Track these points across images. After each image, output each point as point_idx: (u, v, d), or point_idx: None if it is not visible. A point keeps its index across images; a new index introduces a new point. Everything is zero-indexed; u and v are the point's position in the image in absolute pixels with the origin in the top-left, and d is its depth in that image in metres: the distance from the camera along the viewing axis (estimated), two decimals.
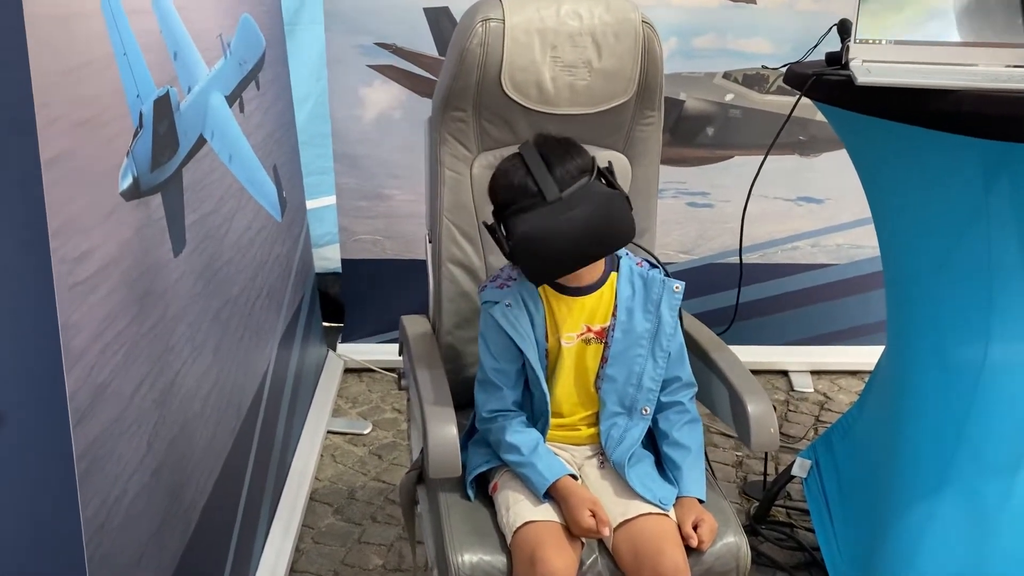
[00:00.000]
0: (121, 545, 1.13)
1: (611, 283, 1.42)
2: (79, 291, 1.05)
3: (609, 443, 1.39)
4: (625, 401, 1.40)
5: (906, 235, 1.67)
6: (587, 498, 1.31)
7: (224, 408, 1.65)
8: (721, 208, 2.74)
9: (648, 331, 1.40)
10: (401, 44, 2.54)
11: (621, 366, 1.39)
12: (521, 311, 1.38)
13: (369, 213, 2.71)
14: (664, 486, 1.35)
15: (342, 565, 1.97)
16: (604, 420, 1.40)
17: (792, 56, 1.78)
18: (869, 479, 1.80)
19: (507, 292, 1.40)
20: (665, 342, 1.40)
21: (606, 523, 1.28)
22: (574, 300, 1.40)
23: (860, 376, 2.84)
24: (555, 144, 1.34)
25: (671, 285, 1.41)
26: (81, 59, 1.10)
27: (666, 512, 1.32)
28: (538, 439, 1.38)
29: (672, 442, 1.40)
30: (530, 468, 1.34)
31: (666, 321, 1.40)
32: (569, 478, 1.34)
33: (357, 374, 2.80)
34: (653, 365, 1.39)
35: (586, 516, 1.28)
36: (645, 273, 1.42)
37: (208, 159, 1.63)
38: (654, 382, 1.40)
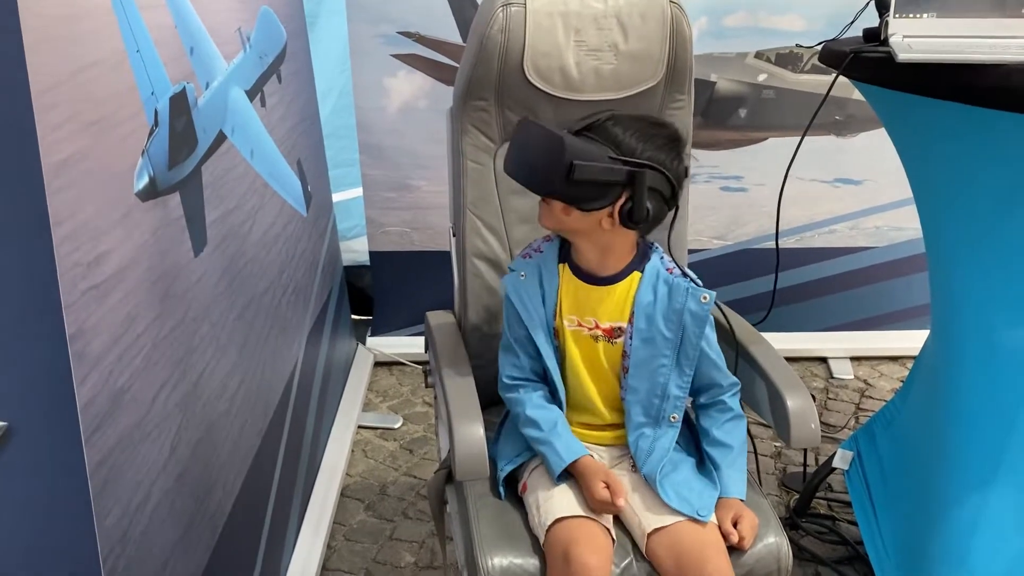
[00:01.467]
0: (145, 553, 1.12)
1: (631, 282, 1.34)
2: (94, 295, 1.02)
3: (639, 455, 1.34)
4: (651, 411, 1.34)
5: (949, 215, 1.61)
6: (600, 471, 1.30)
7: (251, 407, 1.64)
8: (755, 192, 2.67)
9: (671, 341, 1.31)
10: (424, 32, 2.50)
11: (643, 378, 1.33)
12: (533, 285, 1.35)
13: (396, 204, 2.68)
14: (702, 494, 1.29)
15: (374, 563, 1.95)
16: (631, 431, 1.35)
17: (827, 33, 1.71)
18: (915, 470, 1.74)
19: (527, 264, 1.38)
20: (691, 352, 1.32)
21: (620, 493, 1.27)
22: (585, 287, 1.35)
23: (902, 362, 2.76)
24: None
25: (697, 295, 1.31)
26: (91, 58, 1.08)
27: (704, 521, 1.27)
28: (558, 417, 1.36)
29: (713, 440, 1.35)
30: (548, 447, 1.32)
31: (690, 331, 1.31)
32: (587, 457, 1.32)
33: (387, 367, 2.78)
34: (679, 374, 1.33)
35: (600, 488, 1.26)
36: (671, 280, 1.33)
37: (229, 155, 1.60)
38: (681, 390, 1.34)
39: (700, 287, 1.32)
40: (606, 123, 1.27)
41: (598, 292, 1.34)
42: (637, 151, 1.25)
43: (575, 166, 1.21)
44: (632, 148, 1.25)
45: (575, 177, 1.22)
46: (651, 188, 1.25)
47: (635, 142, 1.25)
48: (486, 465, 1.25)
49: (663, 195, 1.27)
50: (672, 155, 1.28)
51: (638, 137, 1.26)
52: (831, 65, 1.57)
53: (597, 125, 1.27)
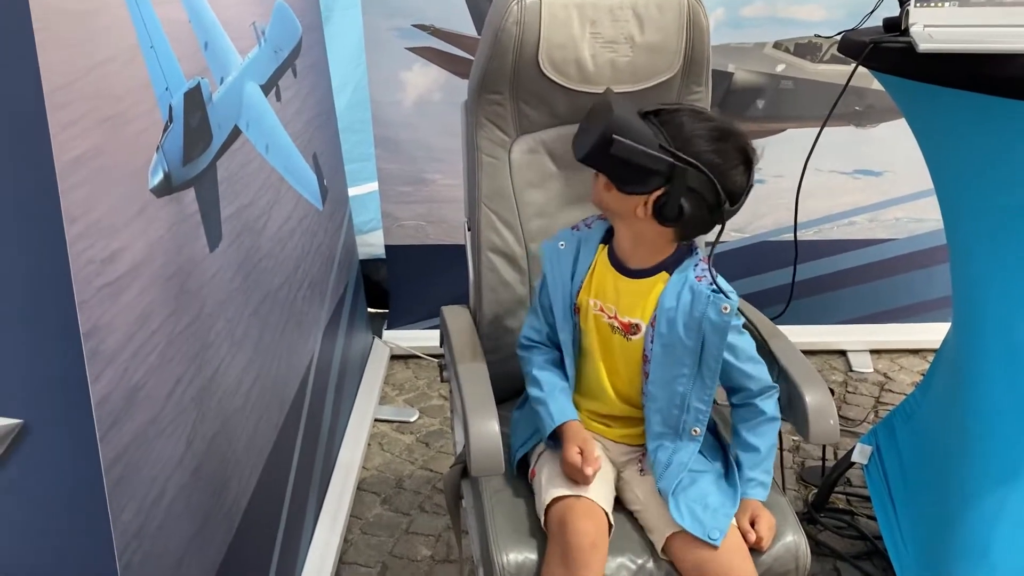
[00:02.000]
0: (161, 548, 1.12)
1: (656, 282, 1.30)
2: (109, 292, 1.03)
3: (656, 466, 1.31)
4: (670, 422, 1.30)
5: (971, 207, 1.58)
6: (579, 435, 1.30)
7: (267, 402, 1.64)
8: (774, 184, 2.64)
9: (691, 350, 1.27)
10: (439, 25, 2.49)
11: (663, 386, 1.29)
12: (568, 257, 1.35)
13: (412, 198, 2.68)
14: (716, 513, 1.24)
15: (390, 556, 1.95)
16: (650, 440, 1.32)
17: (847, 22, 1.69)
18: (935, 465, 1.72)
19: (571, 235, 1.37)
20: (713, 363, 1.27)
21: (591, 463, 1.26)
22: (612, 272, 1.33)
23: (922, 355, 2.73)
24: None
25: (718, 304, 1.25)
26: (104, 54, 1.07)
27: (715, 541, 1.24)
28: (560, 383, 1.36)
29: (741, 441, 1.33)
30: (543, 407, 1.33)
31: (711, 341, 1.26)
32: (575, 422, 1.32)
33: (403, 360, 2.79)
34: (701, 386, 1.28)
35: (572, 452, 1.27)
36: (696, 287, 1.27)
37: (244, 150, 1.60)
38: (704, 403, 1.28)
39: (724, 296, 1.26)
40: (678, 112, 1.24)
41: (624, 283, 1.32)
42: (691, 149, 1.20)
43: (614, 140, 1.18)
44: (690, 143, 1.20)
45: (612, 152, 1.19)
46: (693, 189, 1.20)
47: (696, 139, 1.21)
48: (501, 461, 1.24)
49: (707, 202, 1.22)
50: (733, 165, 1.22)
51: (702, 136, 1.21)
52: (850, 55, 1.54)
53: (668, 111, 1.24)
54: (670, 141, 1.20)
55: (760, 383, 1.33)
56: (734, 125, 1.26)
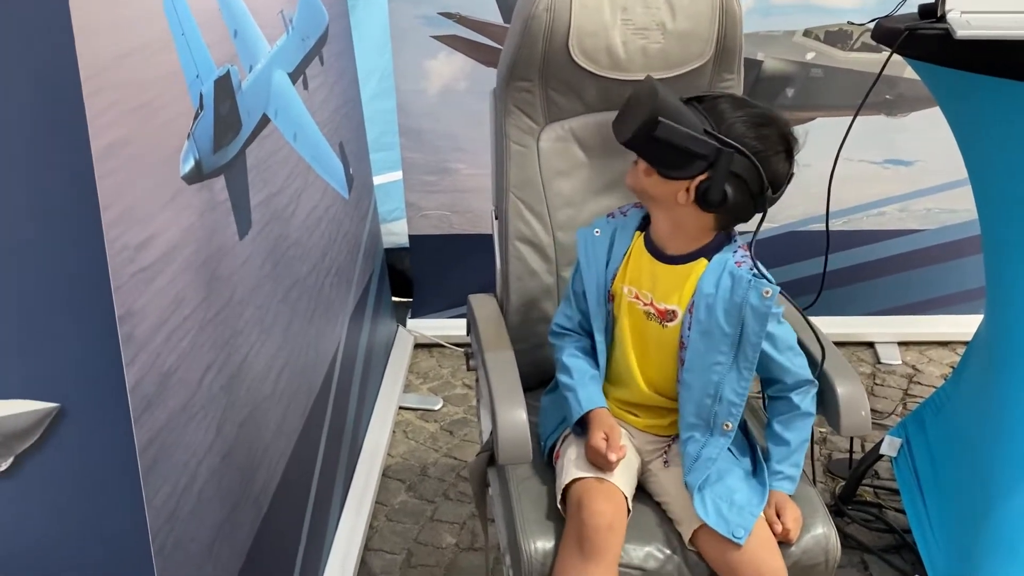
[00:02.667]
0: (192, 532, 1.13)
1: (694, 267, 1.29)
2: (142, 278, 1.03)
3: (685, 459, 1.29)
4: (702, 413, 1.28)
5: (1008, 197, 1.55)
6: (605, 422, 1.29)
7: (295, 388, 1.65)
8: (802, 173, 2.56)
9: (730, 336, 1.24)
10: (465, 13, 2.48)
11: (697, 373, 1.27)
12: (603, 244, 1.34)
13: (435, 188, 2.68)
14: (742, 511, 1.23)
15: (415, 543, 1.96)
16: (683, 431, 1.31)
17: (877, 10, 1.67)
18: (966, 459, 1.70)
19: (607, 223, 1.37)
20: (751, 352, 1.24)
21: (615, 450, 1.25)
22: (648, 259, 1.32)
23: (951, 347, 2.70)
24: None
25: (759, 287, 1.23)
26: (136, 42, 1.08)
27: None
28: (590, 371, 1.35)
29: (772, 433, 1.31)
30: (572, 394, 1.33)
31: (750, 328, 1.23)
32: (602, 409, 1.32)
33: (427, 349, 2.79)
34: (737, 376, 1.26)
35: (597, 437, 1.26)
36: (736, 272, 1.25)
37: (272, 138, 1.61)
38: (738, 396, 1.26)
39: (766, 281, 1.24)
40: (719, 98, 1.24)
41: (661, 269, 1.31)
42: (735, 134, 1.20)
43: (660, 123, 1.17)
44: (733, 129, 1.20)
45: (657, 134, 1.18)
46: (736, 175, 1.20)
47: (739, 125, 1.20)
48: (529, 449, 1.24)
49: (749, 188, 1.21)
50: (775, 151, 1.22)
51: (745, 122, 1.20)
52: (884, 43, 1.52)
53: (710, 98, 1.24)
54: (714, 126, 1.20)
55: (796, 376, 1.30)
56: (776, 112, 1.26)
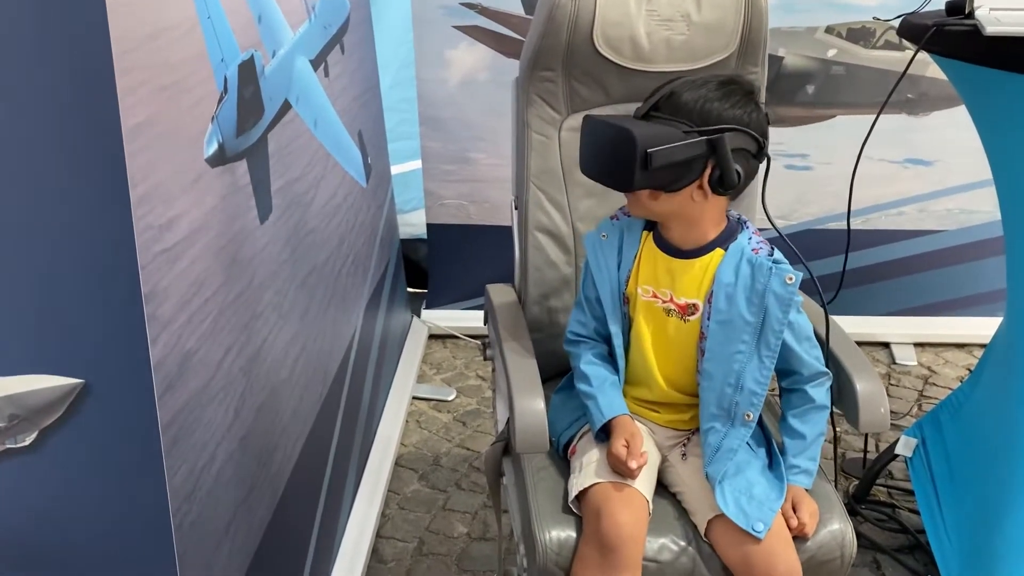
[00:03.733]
0: (209, 513, 1.14)
1: (712, 258, 1.28)
2: (166, 258, 1.04)
3: (706, 450, 1.29)
4: (723, 403, 1.27)
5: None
6: (627, 429, 1.28)
7: (311, 374, 1.65)
8: (821, 171, 2.61)
9: (752, 325, 1.24)
10: (487, 4, 2.48)
11: (718, 362, 1.26)
12: (612, 247, 1.33)
13: (454, 177, 2.68)
14: (762, 505, 1.23)
15: (427, 532, 1.97)
16: (704, 421, 1.30)
17: (902, 7, 1.65)
18: (983, 460, 1.69)
19: (612, 225, 1.35)
20: (773, 340, 1.24)
21: (636, 457, 1.24)
22: (664, 258, 1.31)
23: (968, 349, 2.69)
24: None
25: (782, 274, 1.22)
26: (165, 23, 1.08)
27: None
28: (609, 376, 1.34)
29: (787, 427, 1.31)
30: (593, 402, 1.32)
31: (773, 315, 1.23)
32: (625, 416, 1.30)
33: (441, 340, 2.80)
34: (758, 365, 1.25)
35: (619, 444, 1.25)
36: (755, 259, 1.25)
37: (293, 124, 1.61)
38: (759, 385, 1.25)
39: (787, 267, 1.24)
40: (671, 98, 1.22)
41: (678, 265, 1.30)
42: (713, 116, 1.20)
43: (651, 156, 1.16)
44: (707, 114, 1.20)
45: (654, 166, 1.17)
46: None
47: (709, 107, 1.20)
48: (546, 438, 1.24)
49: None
50: (749, 108, 1.23)
51: (710, 100, 1.20)
52: (911, 39, 1.51)
53: (663, 102, 1.22)
54: (689, 123, 1.20)
55: (811, 368, 1.30)
56: (724, 75, 1.28)
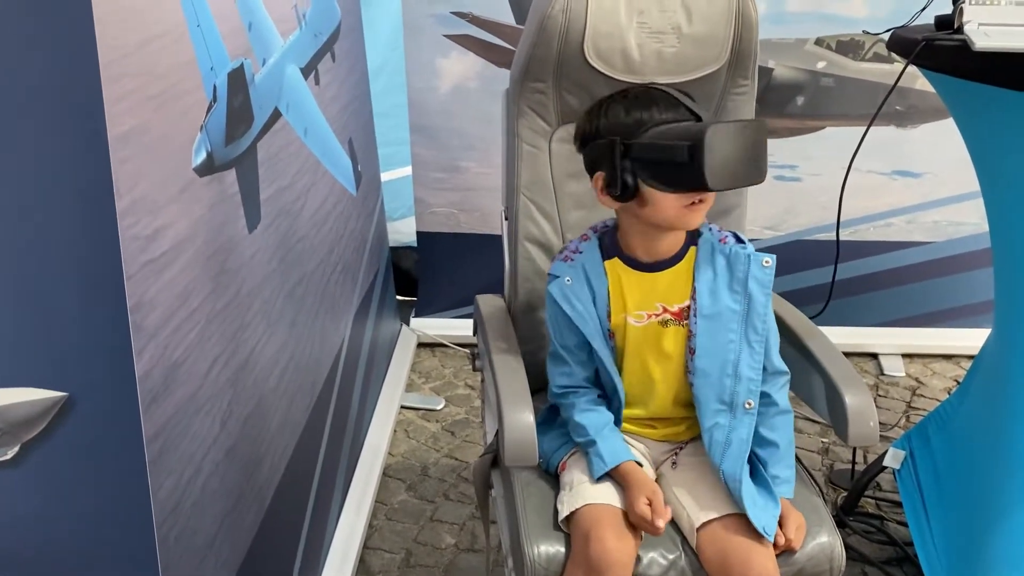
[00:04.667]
0: (195, 526, 1.13)
1: (689, 259, 1.31)
2: (152, 268, 1.03)
3: (714, 448, 1.28)
4: (724, 396, 1.28)
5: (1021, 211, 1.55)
6: (646, 485, 1.25)
7: (299, 384, 1.64)
8: (810, 182, 2.62)
9: (738, 313, 1.27)
10: (478, 13, 2.48)
11: (713, 356, 1.28)
12: (582, 287, 1.31)
13: (445, 185, 2.67)
14: (766, 509, 1.23)
15: (414, 543, 1.96)
16: (705, 420, 1.29)
17: (891, 21, 1.66)
18: (971, 473, 1.69)
19: (569, 267, 1.33)
20: (759, 324, 1.27)
21: (661, 515, 1.21)
22: (646, 276, 1.31)
23: (955, 360, 2.70)
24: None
25: (759, 259, 1.27)
26: (154, 31, 1.07)
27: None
28: (607, 421, 1.32)
29: (760, 438, 1.30)
30: (593, 450, 1.29)
31: (757, 300, 1.27)
32: (632, 464, 1.28)
33: (430, 349, 2.79)
34: (749, 351, 1.27)
35: (641, 503, 1.22)
36: (727, 250, 1.29)
37: (283, 133, 1.60)
38: (753, 371, 1.27)
39: (760, 252, 1.28)
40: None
41: (663, 277, 1.31)
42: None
43: None
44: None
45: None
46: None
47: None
48: (535, 452, 1.23)
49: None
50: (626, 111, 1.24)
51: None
52: (900, 53, 1.52)
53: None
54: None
55: (776, 360, 1.32)
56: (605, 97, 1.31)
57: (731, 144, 1.17)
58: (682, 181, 1.20)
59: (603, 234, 1.35)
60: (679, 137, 1.18)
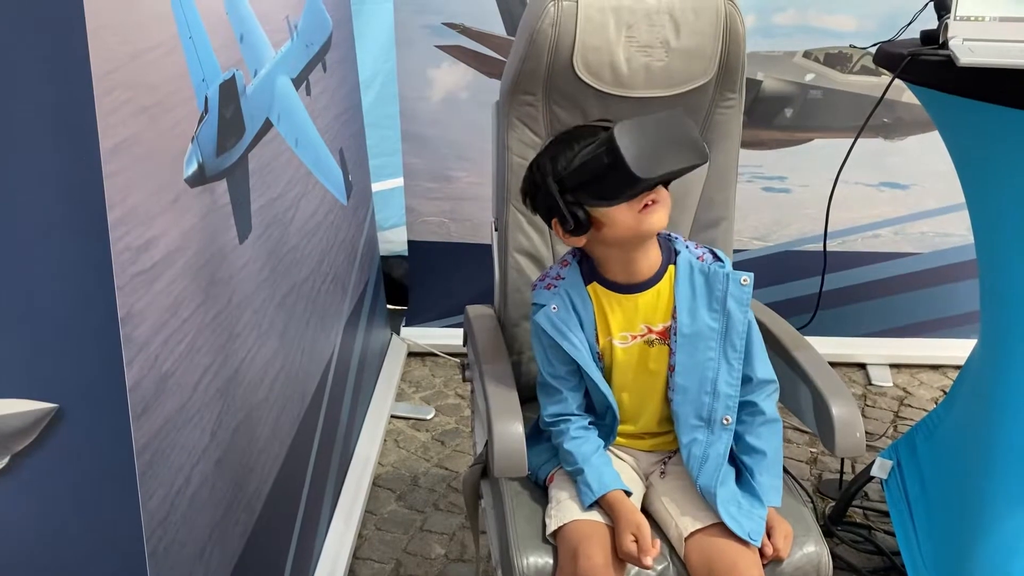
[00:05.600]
0: (184, 537, 1.13)
1: (669, 278, 1.32)
2: (143, 280, 1.03)
3: (692, 463, 1.30)
4: (702, 412, 1.30)
5: (1005, 223, 1.56)
6: (632, 521, 1.24)
7: (289, 394, 1.64)
8: (799, 193, 2.64)
9: (716, 331, 1.28)
10: (469, 24, 2.50)
11: (691, 373, 1.29)
12: (568, 313, 1.31)
13: (436, 195, 2.68)
14: (751, 515, 1.25)
15: (404, 553, 1.95)
16: (683, 435, 1.31)
17: (879, 34, 1.69)
18: (957, 482, 1.70)
19: (553, 294, 1.33)
20: (738, 341, 1.28)
21: (648, 552, 1.20)
22: (627, 298, 1.32)
23: (942, 371, 2.72)
24: None
25: (737, 278, 1.29)
26: (146, 43, 1.08)
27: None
28: (596, 447, 1.32)
29: (746, 446, 1.31)
30: (581, 478, 1.28)
31: (736, 318, 1.28)
32: (619, 493, 1.27)
33: (420, 358, 2.79)
34: (728, 368, 1.29)
35: (628, 541, 1.21)
36: (706, 268, 1.30)
37: (274, 143, 1.61)
38: (731, 387, 1.29)
39: (738, 271, 1.30)
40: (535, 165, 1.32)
41: (644, 297, 1.32)
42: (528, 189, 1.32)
43: None
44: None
45: None
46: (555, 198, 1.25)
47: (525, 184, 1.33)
48: (525, 463, 1.23)
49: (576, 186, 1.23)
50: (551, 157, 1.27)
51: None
52: (886, 67, 1.53)
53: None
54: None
55: (763, 371, 1.32)
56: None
57: (646, 135, 1.19)
58: (618, 187, 1.21)
59: (582, 259, 1.35)
60: (596, 149, 1.21)
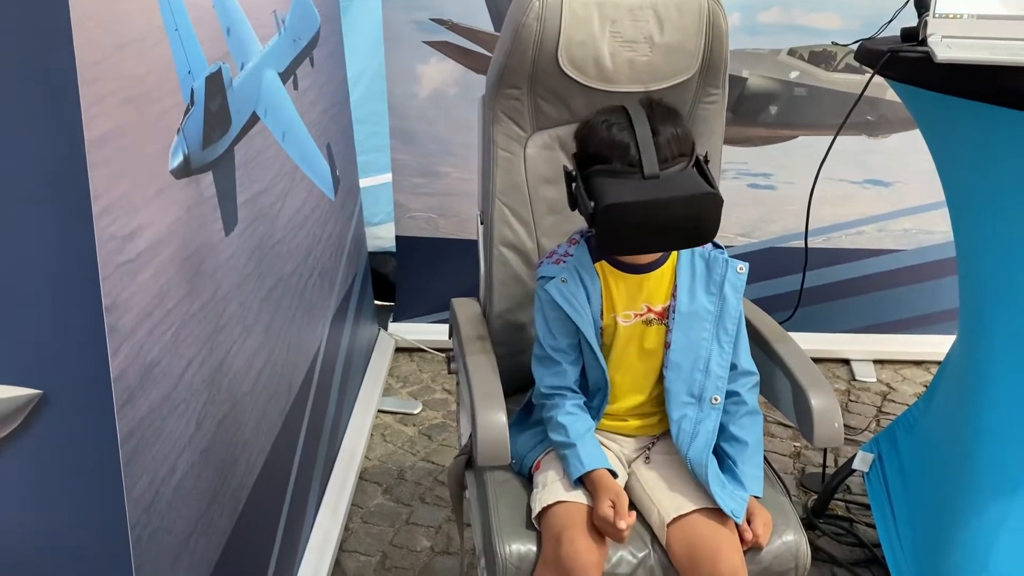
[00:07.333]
0: (169, 525, 1.13)
1: (671, 262, 1.37)
2: (128, 270, 1.04)
3: (681, 438, 1.33)
4: (694, 389, 1.34)
5: (983, 220, 1.59)
6: (612, 489, 1.27)
7: (275, 387, 1.65)
8: (784, 190, 2.66)
9: (712, 313, 1.34)
10: (457, 20, 2.51)
11: (686, 351, 1.34)
12: (577, 287, 1.34)
13: (424, 190, 2.69)
14: (734, 495, 1.28)
15: (390, 546, 1.96)
16: (674, 411, 1.34)
17: (862, 32, 1.70)
18: (937, 476, 1.72)
19: (563, 268, 1.36)
20: (730, 325, 1.35)
21: (624, 517, 1.23)
22: (633, 278, 1.35)
23: (925, 366, 2.74)
24: (664, 113, 1.27)
25: (734, 265, 1.36)
26: (131, 35, 1.09)
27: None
28: (588, 427, 1.34)
29: (728, 436, 1.34)
30: (571, 451, 1.31)
31: (731, 303, 1.35)
32: (605, 472, 1.29)
33: (408, 353, 2.80)
34: (719, 350, 1.34)
35: (605, 506, 1.24)
36: (707, 254, 1.37)
37: (261, 137, 1.62)
38: (722, 368, 1.34)
39: (735, 259, 1.37)
40: None
41: (648, 279, 1.36)
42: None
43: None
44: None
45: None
46: (576, 183, 1.29)
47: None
48: (508, 452, 1.25)
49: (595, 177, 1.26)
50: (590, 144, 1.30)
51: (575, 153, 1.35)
52: (867, 64, 1.55)
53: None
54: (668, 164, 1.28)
55: (746, 361, 1.38)
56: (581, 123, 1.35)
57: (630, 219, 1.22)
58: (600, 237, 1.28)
59: (589, 238, 1.39)
60: (593, 191, 1.24)
